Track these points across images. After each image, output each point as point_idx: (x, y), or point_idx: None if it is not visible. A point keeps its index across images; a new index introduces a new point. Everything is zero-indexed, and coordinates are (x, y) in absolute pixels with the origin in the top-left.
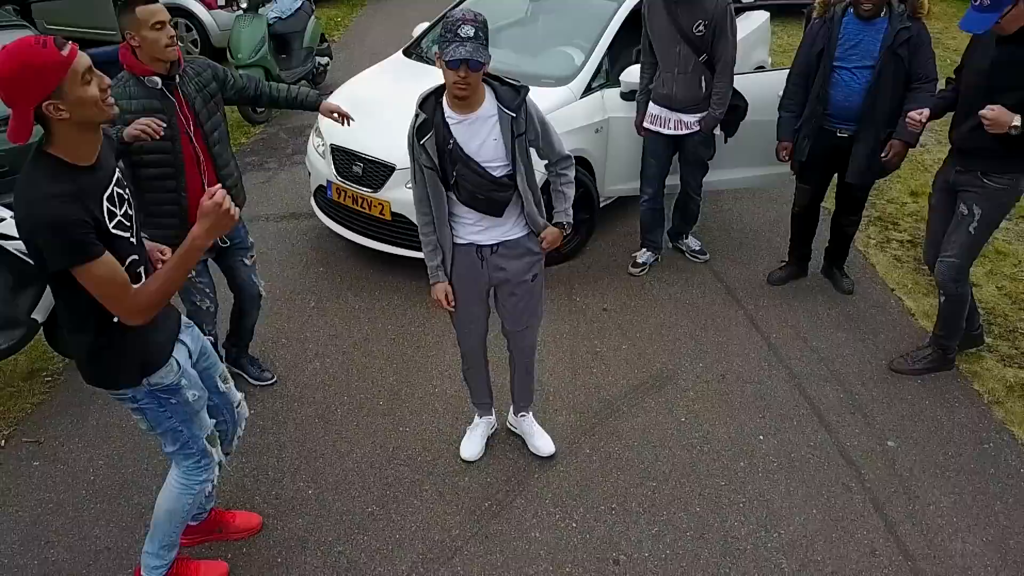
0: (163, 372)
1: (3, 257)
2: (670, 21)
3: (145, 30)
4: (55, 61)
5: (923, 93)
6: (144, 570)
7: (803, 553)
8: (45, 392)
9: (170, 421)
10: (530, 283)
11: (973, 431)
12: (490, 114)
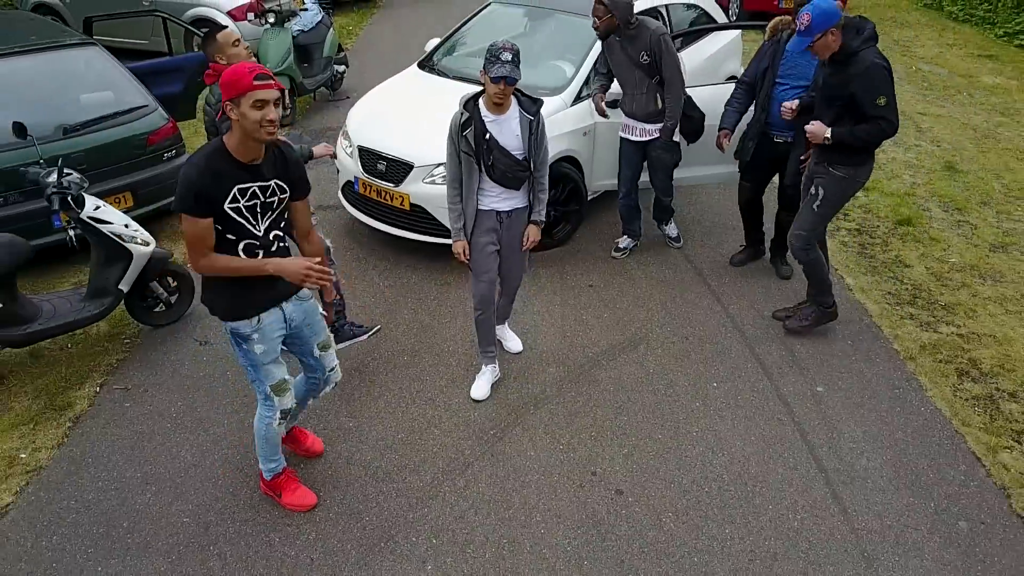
0: (242, 323)
1: (99, 238)
2: (624, 54)
3: (229, 49)
4: (245, 83)
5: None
6: (263, 472)
7: (740, 468)
8: (125, 351)
9: (242, 360)
10: (522, 254)
11: (888, 379)
12: (514, 116)
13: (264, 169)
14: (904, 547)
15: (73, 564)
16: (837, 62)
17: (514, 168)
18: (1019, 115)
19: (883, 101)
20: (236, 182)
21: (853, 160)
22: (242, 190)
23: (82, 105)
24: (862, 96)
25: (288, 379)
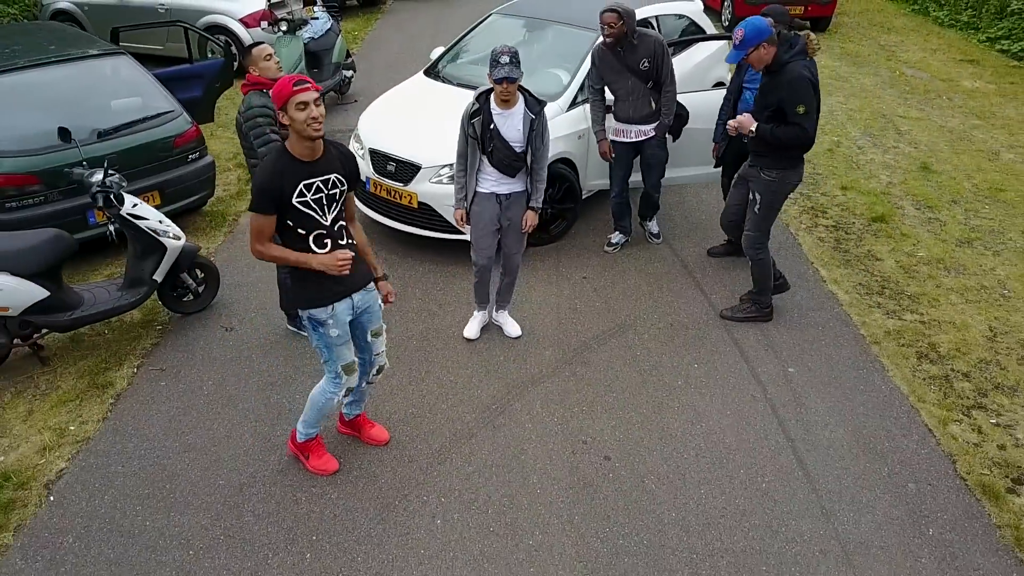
0: (319, 311)
1: (136, 233)
2: (621, 63)
3: (261, 62)
4: (287, 90)
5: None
6: (298, 435)
7: (716, 438)
8: (158, 336)
9: (317, 342)
10: (519, 236)
11: (853, 361)
12: (519, 113)
13: (324, 165)
14: (858, 505)
15: (124, 519)
16: (771, 72)
17: (511, 158)
18: (994, 118)
19: (802, 109)
20: (300, 178)
21: (780, 164)
22: (307, 185)
23: (113, 110)
24: (786, 103)
25: (356, 361)
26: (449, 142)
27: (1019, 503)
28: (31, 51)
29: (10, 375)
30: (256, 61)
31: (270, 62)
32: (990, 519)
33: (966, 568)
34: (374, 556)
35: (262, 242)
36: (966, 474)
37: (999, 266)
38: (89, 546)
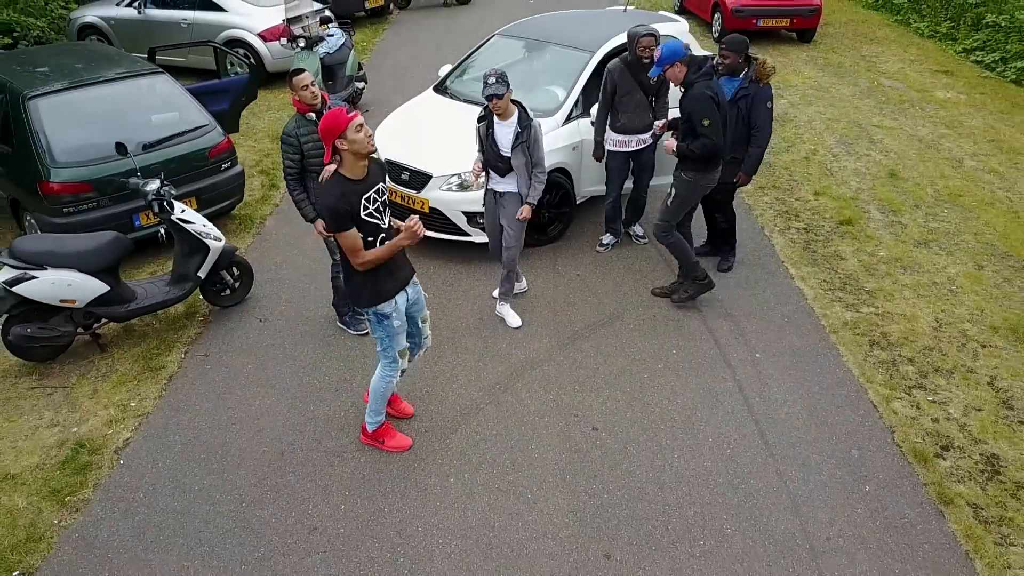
0: (384, 305)
1: (183, 235)
2: (632, 78)
3: (299, 91)
4: (344, 120)
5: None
6: (367, 423)
7: (689, 412)
8: (201, 326)
9: (380, 333)
10: (517, 220)
11: (813, 348)
12: (513, 123)
13: (372, 178)
14: (808, 467)
15: (184, 478)
16: (684, 89)
17: (496, 159)
18: (961, 128)
19: (707, 123)
20: (360, 194)
21: (696, 167)
22: (367, 199)
23: (154, 124)
24: (693, 118)
25: (407, 346)
26: (457, 154)
27: (944, 466)
28: (81, 71)
29: (74, 360)
30: (296, 88)
31: (306, 92)
32: (918, 479)
33: (893, 517)
34: (398, 507)
35: (359, 252)
36: (902, 442)
37: (950, 265)
38: (156, 500)
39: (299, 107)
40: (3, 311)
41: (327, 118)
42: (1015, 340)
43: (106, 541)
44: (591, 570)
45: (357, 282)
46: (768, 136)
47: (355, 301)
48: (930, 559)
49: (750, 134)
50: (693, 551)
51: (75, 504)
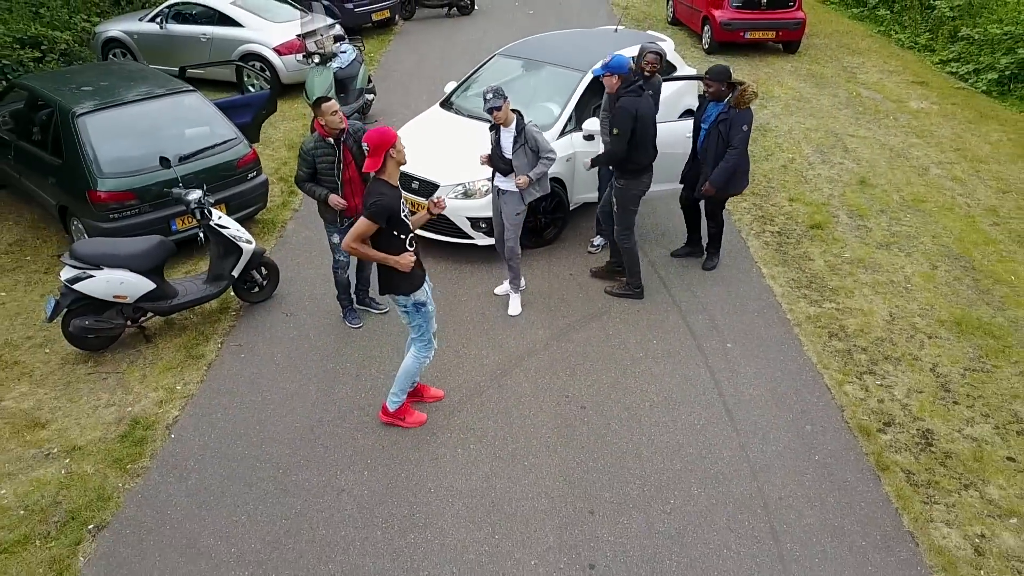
0: (420, 293)
1: (219, 239)
2: None
3: (327, 116)
4: (392, 135)
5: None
6: (389, 404)
7: (667, 393)
8: (234, 320)
9: (418, 320)
10: (515, 217)
11: (778, 339)
12: (511, 130)
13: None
14: (766, 440)
15: (228, 449)
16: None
17: (498, 160)
18: (931, 137)
19: (616, 132)
20: (400, 197)
21: (625, 175)
22: (403, 201)
23: (188, 138)
24: (613, 125)
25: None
26: (461, 165)
27: (884, 439)
28: (121, 90)
29: (124, 349)
30: (325, 114)
31: (335, 117)
32: (861, 450)
33: (837, 481)
34: (414, 472)
35: (359, 241)
36: (849, 419)
37: (908, 265)
38: (205, 467)
39: (321, 131)
40: (64, 306)
41: (379, 133)
42: (958, 332)
43: (164, 501)
44: (578, 523)
45: (397, 276)
46: (737, 156)
47: (395, 291)
48: (866, 514)
49: (726, 150)
50: (664, 508)
51: (135, 471)
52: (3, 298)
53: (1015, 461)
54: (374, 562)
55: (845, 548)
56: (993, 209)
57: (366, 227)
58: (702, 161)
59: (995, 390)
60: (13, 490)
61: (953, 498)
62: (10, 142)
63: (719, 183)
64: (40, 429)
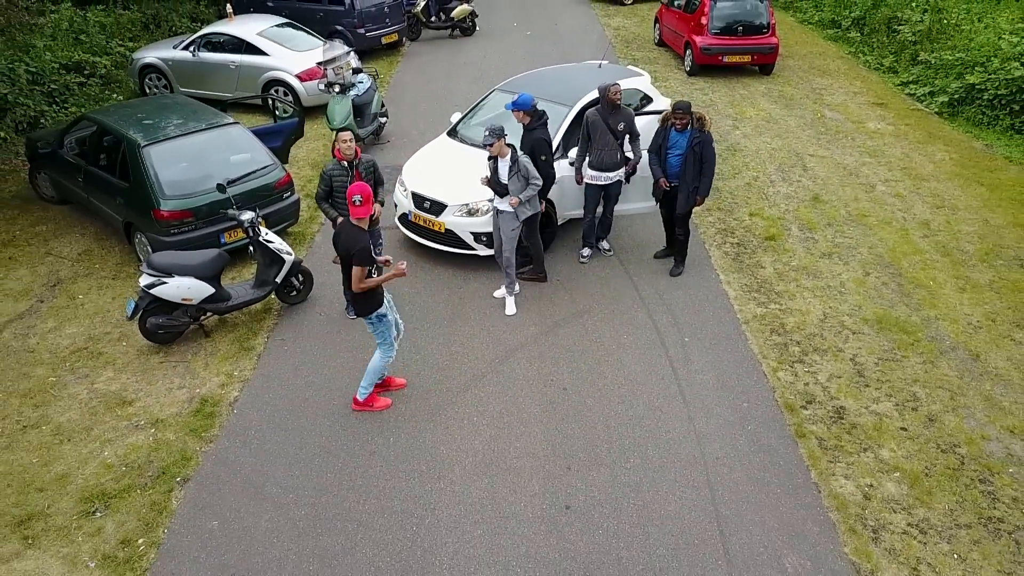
0: (382, 309)
1: (265, 251)
2: (604, 124)
3: (342, 143)
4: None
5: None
6: (359, 395)
7: (632, 379)
8: (276, 318)
9: (379, 327)
10: (511, 232)
11: (728, 334)
12: (507, 160)
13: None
14: (710, 414)
15: (280, 421)
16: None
17: (497, 185)
18: (882, 156)
19: (544, 158)
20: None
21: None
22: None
23: (233, 163)
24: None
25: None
26: (466, 188)
27: (805, 413)
28: (177, 123)
29: (187, 343)
30: (340, 141)
31: (346, 144)
32: (785, 422)
33: (763, 445)
34: (429, 439)
35: (362, 279)
36: (779, 398)
37: (844, 272)
38: (264, 435)
39: (337, 155)
40: (142, 307)
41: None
42: (878, 328)
43: (234, 460)
44: (557, 476)
45: (361, 299)
46: (714, 168)
47: (361, 312)
48: (783, 471)
49: (702, 168)
50: (626, 465)
51: (209, 438)
52: (82, 300)
53: (907, 431)
54: (400, 504)
55: (764, 494)
56: (926, 223)
57: (362, 271)
58: (680, 180)
59: (900, 376)
60: (114, 452)
61: (853, 458)
62: (79, 166)
63: (706, 193)
64: (128, 406)
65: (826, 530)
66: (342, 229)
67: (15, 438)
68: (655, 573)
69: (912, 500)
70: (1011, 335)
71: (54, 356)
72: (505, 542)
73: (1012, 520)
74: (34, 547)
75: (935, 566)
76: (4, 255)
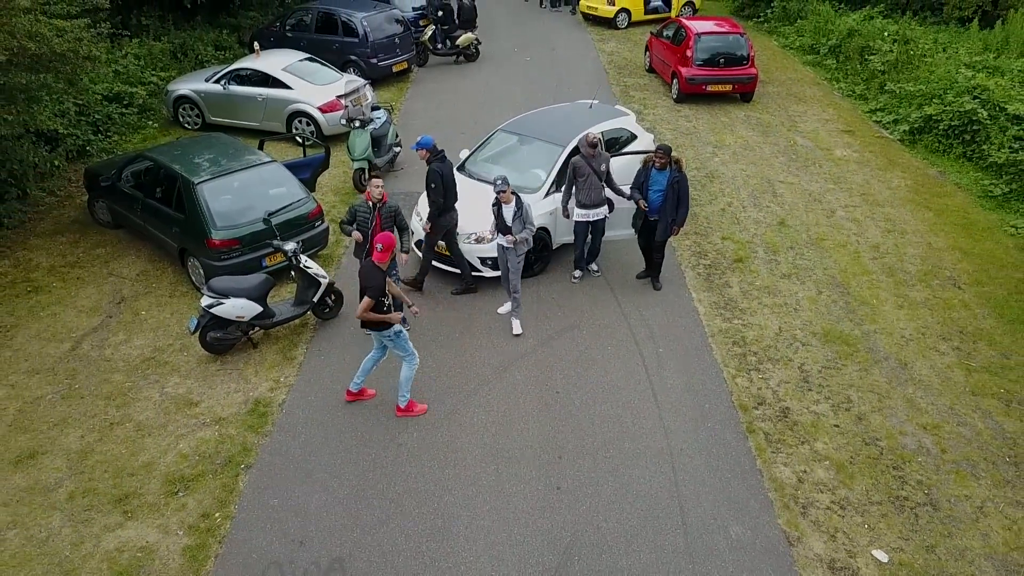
0: (399, 326)
1: (304, 275)
2: (588, 167)
3: (373, 188)
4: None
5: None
6: (400, 403)
7: (612, 383)
8: (313, 332)
9: (399, 342)
10: (515, 264)
11: (696, 346)
12: (512, 206)
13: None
14: (677, 413)
15: (322, 420)
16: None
17: (503, 227)
18: (845, 183)
19: (433, 186)
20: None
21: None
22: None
23: (271, 196)
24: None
25: None
26: (474, 218)
27: (756, 413)
28: (223, 162)
29: (239, 354)
30: (372, 185)
31: (376, 189)
32: (739, 420)
33: (720, 439)
34: (445, 433)
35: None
36: (736, 400)
37: (800, 291)
38: (310, 430)
39: (367, 196)
40: (202, 323)
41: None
42: (824, 341)
43: (287, 451)
44: (551, 464)
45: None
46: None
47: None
48: (734, 459)
49: (679, 202)
50: (606, 455)
51: (264, 432)
52: (145, 315)
53: (838, 427)
54: (423, 486)
55: (717, 478)
56: (876, 246)
57: (368, 303)
58: (660, 214)
59: (839, 381)
60: (187, 444)
61: (792, 450)
62: (137, 197)
63: (682, 223)
64: (194, 407)
65: (765, 506)
66: (365, 266)
67: (105, 433)
68: (627, 538)
69: (837, 483)
70: (936, 347)
71: (127, 364)
72: (507, 515)
73: (915, 499)
74: (133, 519)
75: (849, 533)
76: (72, 275)
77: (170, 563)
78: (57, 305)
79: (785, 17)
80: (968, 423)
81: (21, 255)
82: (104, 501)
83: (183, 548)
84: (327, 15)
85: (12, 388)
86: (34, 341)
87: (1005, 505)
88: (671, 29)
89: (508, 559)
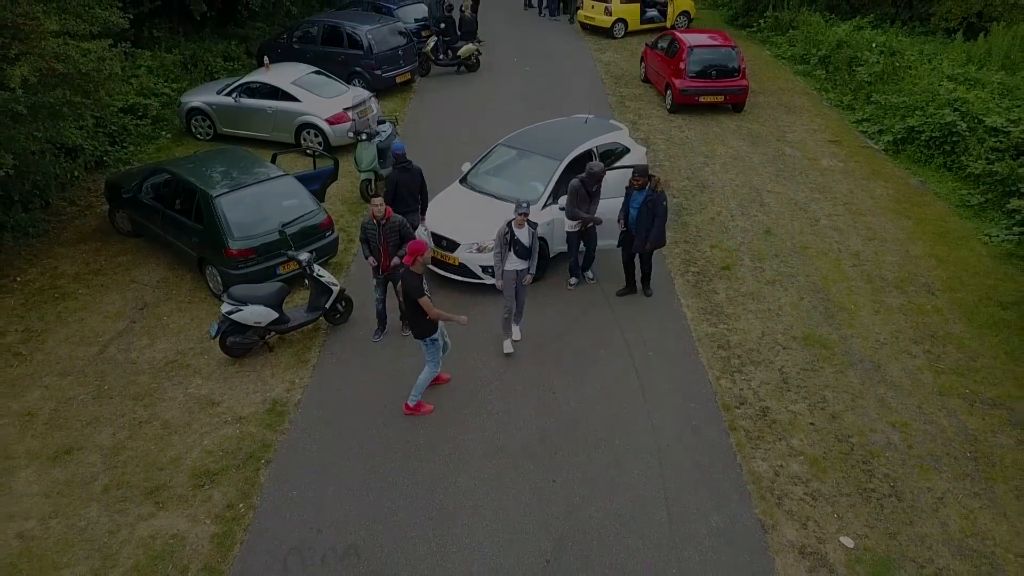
0: (435, 334)
1: (318, 283)
2: (584, 188)
3: (374, 207)
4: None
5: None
6: (410, 401)
7: (604, 384)
8: (325, 336)
9: (431, 349)
10: (525, 288)
11: (683, 348)
12: (527, 230)
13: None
14: (665, 412)
15: (337, 419)
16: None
17: (521, 251)
18: (829, 192)
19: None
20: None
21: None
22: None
23: (284, 208)
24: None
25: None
26: (476, 229)
27: (737, 412)
28: (239, 176)
29: (256, 357)
30: (373, 204)
31: (377, 208)
32: (722, 418)
33: (703, 435)
34: (456, 429)
35: (433, 310)
36: (719, 400)
37: (783, 297)
38: (325, 428)
39: (373, 215)
40: (223, 329)
41: (420, 245)
42: (804, 344)
43: (303, 447)
44: (546, 458)
45: (422, 325)
46: (664, 220)
47: (418, 335)
48: (716, 454)
49: (653, 221)
50: (598, 449)
51: (282, 430)
52: (167, 320)
53: (814, 425)
54: (429, 479)
55: (700, 472)
56: (856, 254)
57: (428, 303)
58: (635, 230)
59: (815, 382)
60: (211, 441)
61: (770, 446)
62: (157, 208)
63: (657, 239)
64: (216, 406)
65: (744, 497)
66: (404, 275)
67: (134, 431)
68: (617, 526)
69: (810, 476)
70: (908, 350)
71: (152, 367)
72: (507, 505)
73: (881, 490)
74: (164, 509)
75: (819, 522)
76: (96, 282)
77: (200, 549)
78: (84, 311)
79: (777, 27)
80: (934, 421)
81: (47, 263)
82: (136, 493)
83: (211, 535)
84: (333, 27)
85: (46, 389)
86: (64, 345)
87: (963, 496)
88: (665, 41)
89: (507, 545)
